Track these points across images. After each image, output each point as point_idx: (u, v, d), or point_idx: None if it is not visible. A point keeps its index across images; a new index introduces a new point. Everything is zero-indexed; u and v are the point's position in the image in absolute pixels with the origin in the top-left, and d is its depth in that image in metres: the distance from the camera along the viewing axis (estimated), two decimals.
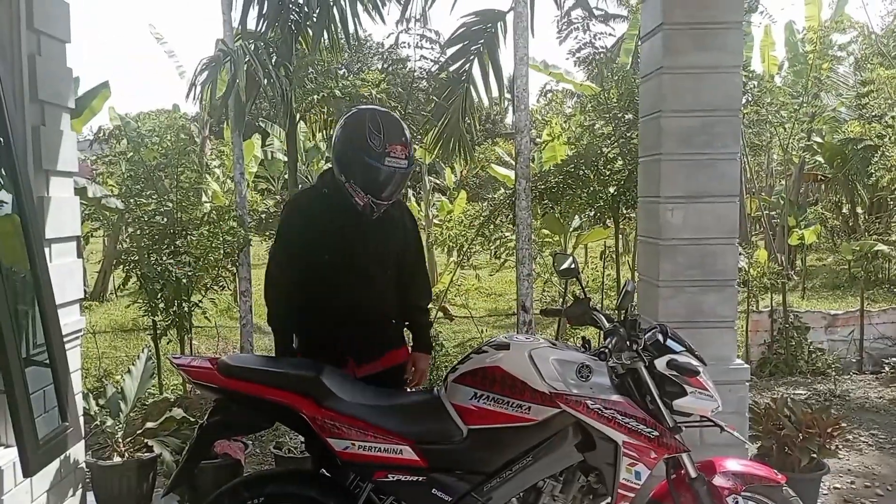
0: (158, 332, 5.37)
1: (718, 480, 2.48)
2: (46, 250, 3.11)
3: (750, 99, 6.95)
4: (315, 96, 6.35)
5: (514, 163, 5.61)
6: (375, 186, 2.67)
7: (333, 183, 2.77)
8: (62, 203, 3.38)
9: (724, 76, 3.60)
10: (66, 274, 3.37)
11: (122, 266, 5.80)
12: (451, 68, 5.92)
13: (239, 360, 2.48)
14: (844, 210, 14.38)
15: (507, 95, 6.47)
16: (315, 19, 5.59)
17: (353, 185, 2.69)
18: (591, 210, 7.19)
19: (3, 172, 2.81)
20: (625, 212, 6.69)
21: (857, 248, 8.33)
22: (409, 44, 5.97)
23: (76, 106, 6.28)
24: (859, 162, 10.41)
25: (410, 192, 10.80)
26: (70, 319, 3.38)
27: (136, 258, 5.33)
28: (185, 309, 5.29)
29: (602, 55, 6.70)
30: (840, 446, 3.97)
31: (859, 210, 13.78)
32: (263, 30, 5.70)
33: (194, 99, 5.60)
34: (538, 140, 9.39)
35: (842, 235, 14.46)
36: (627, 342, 2.41)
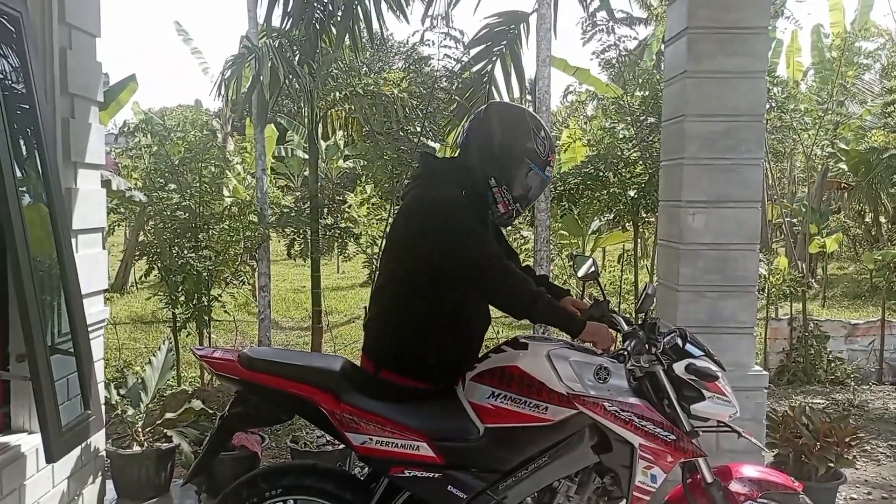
0: (178, 324, 5.43)
1: (734, 486, 2.47)
2: (73, 241, 3.16)
3: (774, 104, 6.90)
4: (337, 94, 6.39)
5: None
6: (529, 195, 2.59)
7: (470, 184, 2.56)
8: (89, 195, 3.43)
9: (749, 81, 3.59)
10: (92, 264, 3.43)
11: (143, 258, 5.88)
12: (474, 69, 5.94)
13: (261, 353, 2.50)
14: (867, 219, 14.22)
15: (529, 97, 6.48)
16: (339, 17, 5.63)
17: (502, 190, 2.55)
18: (610, 213, 7.18)
19: (34, 164, 2.87)
20: (644, 215, 6.68)
21: (880, 258, 8.23)
22: (432, 41, 5.98)
23: (104, 99, 6.38)
24: (884, 171, 10.29)
25: None
26: (94, 309, 3.43)
27: (158, 251, 5.40)
28: (205, 302, 5.36)
29: (625, 57, 6.67)
30: (857, 456, 3.94)
31: (882, 219, 13.62)
32: (288, 27, 5.75)
33: (219, 95, 5.66)
34: (558, 142, 9.38)
35: (864, 244, 14.29)
36: (646, 345, 2.41)
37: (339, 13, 5.59)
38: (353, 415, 2.38)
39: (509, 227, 6.66)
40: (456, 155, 2.73)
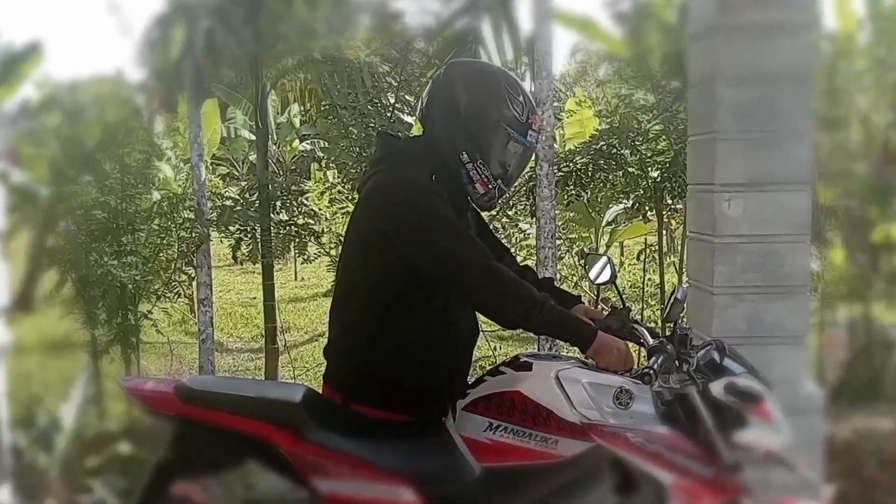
0: (99, 348, 5.40)
1: None
2: None
3: (823, 64, 6.95)
4: (290, 60, 6.37)
5: None
6: (511, 169, 2.59)
7: (441, 166, 2.56)
8: None
9: (791, 36, 3.61)
10: None
11: (53, 268, 5.82)
12: (457, 25, 5.94)
13: (203, 383, 2.51)
14: None
15: (525, 59, 6.49)
16: None
17: (478, 166, 2.54)
18: (628, 199, 7.20)
19: None
20: (670, 202, 6.71)
21: None
22: None
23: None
24: None
25: None
26: None
27: (71, 258, 5.36)
28: (132, 321, 5.32)
29: (644, 8, 6.70)
30: None
31: None
32: None
33: (142, 63, 5.63)
34: (562, 114, 9.41)
35: None
36: (676, 362, 2.43)
37: None
38: (319, 456, 2.38)
39: (506, 220, 6.70)
40: (420, 134, 2.73)
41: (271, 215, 6.18)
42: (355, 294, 2.61)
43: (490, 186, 2.59)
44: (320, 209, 9.05)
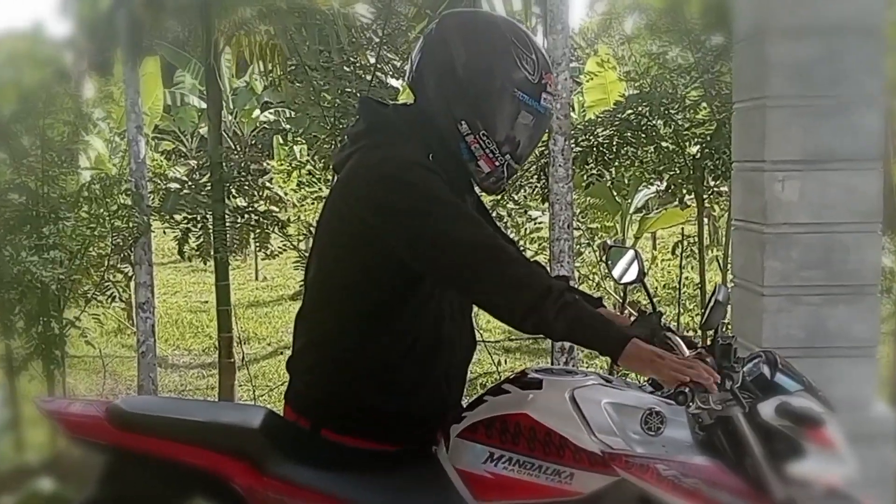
0: (15, 363, 5.39)
1: None
2: None
3: None
4: (247, 10, 6.36)
5: None
6: (523, 140, 2.56)
7: (438, 141, 2.56)
8: None
9: None
10: None
11: None
12: None
13: (141, 405, 2.52)
14: None
15: (536, 9, 6.49)
16: None
17: (481, 139, 2.51)
18: (661, 180, 7.22)
19: None
20: (712, 184, 6.72)
21: None
22: None
23: None
24: None
25: None
26: None
27: None
28: (56, 329, 5.32)
29: None
30: None
31: None
32: None
33: (67, 13, 5.62)
34: (581, 77, 9.40)
35: None
36: (718, 377, 2.43)
37: None
38: (283, 493, 2.39)
39: (512, 205, 6.71)
40: (410, 101, 2.71)
41: (226, 201, 6.17)
42: (329, 298, 2.60)
43: (497, 164, 2.56)
44: (286, 193, 9.07)
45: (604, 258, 3.44)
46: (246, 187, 6.74)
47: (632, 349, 2.30)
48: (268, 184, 8.87)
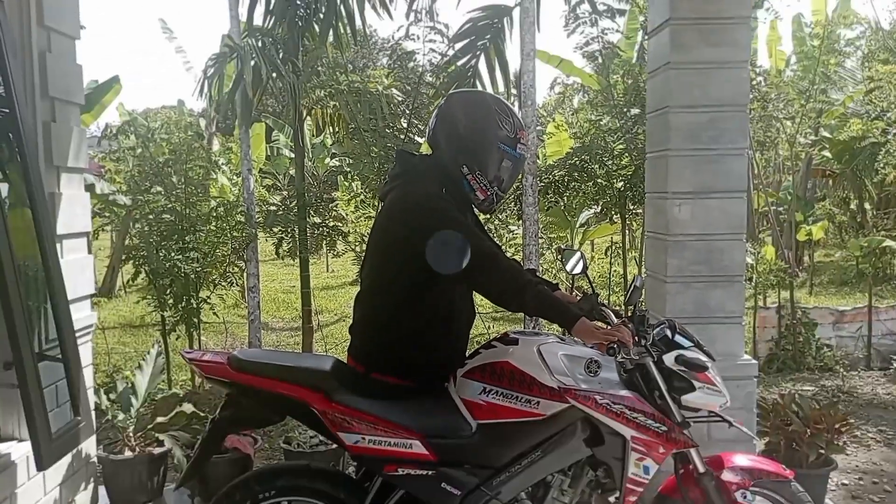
0: (167, 327, 5.40)
1: (726, 476, 2.49)
2: (58, 246, 3.14)
3: (757, 94, 6.93)
4: (322, 91, 6.35)
5: None
6: (506, 176, 2.57)
7: (449, 180, 2.55)
8: (73, 199, 3.41)
9: (731, 71, 3.60)
10: (78, 269, 3.41)
11: (130, 262, 5.83)
12: (459, 63, 5.93)
13: (250, 355, 2.50)
14: (852, 206, 14.31)
15: (514, 91, 6.47)
16: (322, 15, 5.60)
17: (477, 177, 2.53)
18: (597, 205, 7.20)
19: (16, 168, 2.84)
20: (632, 207, 6.70)
21: (865, 245, 8.31)
22: (417, 36, 5.97)
23: (86, 101, 6.33)
24: (867, 158, 10.37)
25: None
26: (81, 314, 3.41)
27: (145, 254, 5.35)
28: (194, 305, 5.32)
29: (609, 49, 6.69)
30: (848, 442, 3.97)
31: (867, 206, 13.72)
32: (270, 25, 5.71)
33: (202, 94, 5.62)
34: (543, 136, 9.38)
35: (850, 231, 14.39)
36: (636, 337, 2.42)
37: (322, 11, 5.56)
38: (345, 414, 2.38)
39: (498, 222, 6.69)
40: (429, 153, 2.71)
41: (307, 219, 6.18)
42: (377, 285, 2.61)
43: (489, 192, 2.57)
44: (347, 214, 9.05)
45: (559, 257, 3.42)
46: (320, 210, 6.76)
47: (580, 325, 2.36)
48: (335, 207, 8.88)
